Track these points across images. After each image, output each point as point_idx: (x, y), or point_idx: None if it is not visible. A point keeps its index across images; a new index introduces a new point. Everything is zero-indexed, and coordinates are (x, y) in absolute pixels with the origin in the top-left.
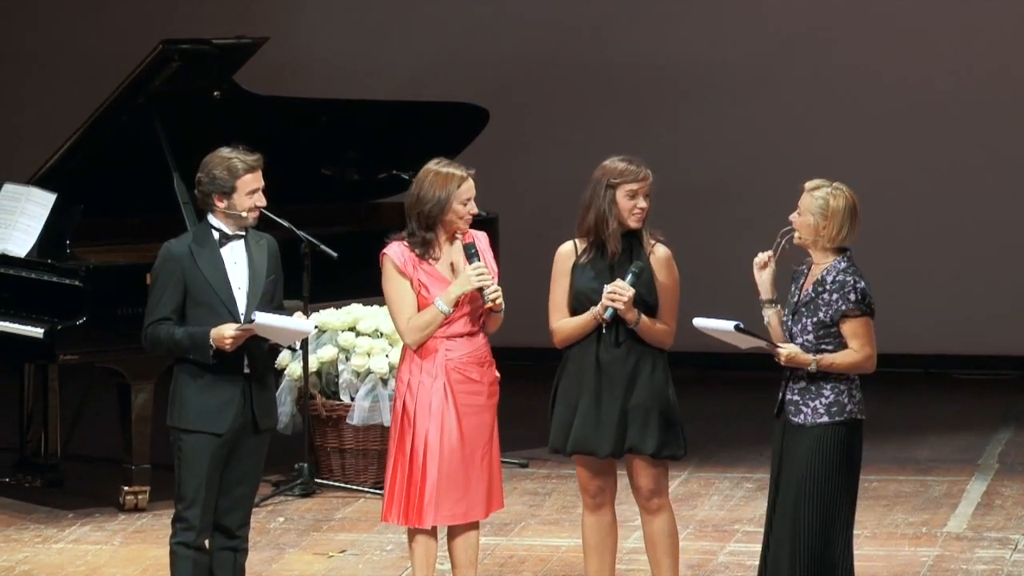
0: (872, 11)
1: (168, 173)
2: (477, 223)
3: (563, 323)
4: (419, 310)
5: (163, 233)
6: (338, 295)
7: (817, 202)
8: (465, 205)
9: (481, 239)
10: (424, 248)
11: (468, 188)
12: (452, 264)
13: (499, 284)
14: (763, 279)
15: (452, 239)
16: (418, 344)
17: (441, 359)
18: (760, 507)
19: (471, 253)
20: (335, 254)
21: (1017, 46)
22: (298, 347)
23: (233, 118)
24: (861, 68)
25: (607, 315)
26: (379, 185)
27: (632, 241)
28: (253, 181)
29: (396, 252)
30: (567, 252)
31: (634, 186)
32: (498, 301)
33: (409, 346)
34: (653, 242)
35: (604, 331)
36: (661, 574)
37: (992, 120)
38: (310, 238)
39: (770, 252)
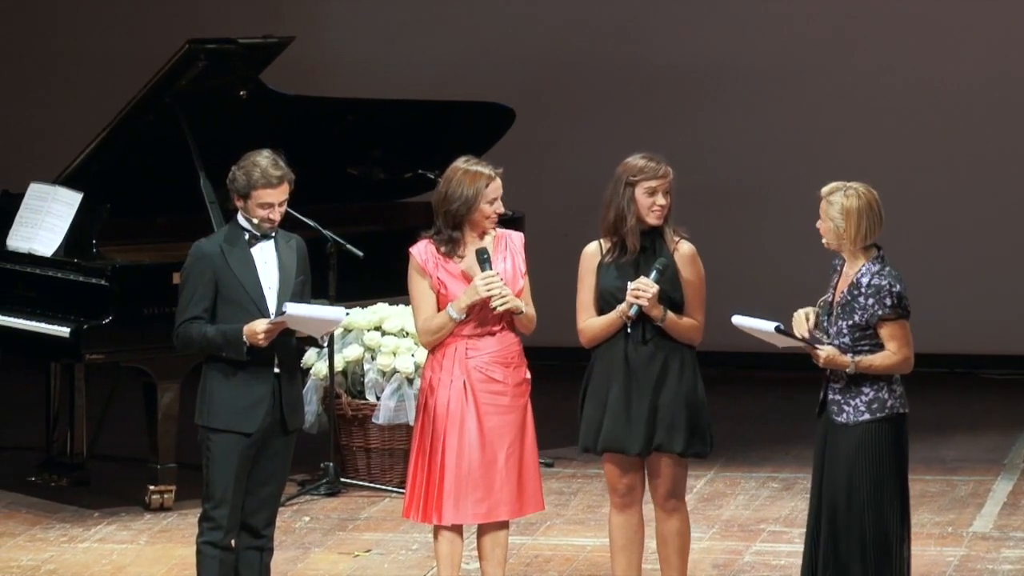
0: (897, 11)
1: (194, 173)
2: (503, 223)
3: (590, 323)
4: (439, 308)
5: (189, 233)
6: (364, 294)
7: (834, 206)
8: (492, 204)
9: (515, 240)
10: (450, 246)
11: (495, 187)
12: (467, 269)
13: (526, 284)
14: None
15: (481, 237)
16: (430, 345)
17: (461, 358)
18: (786, 506)
19: (483, 259)
20: (361, 253)
21: None
22: (324, 344)
23: (259, 117)
24: (886, 68)
25: (632, 312)
26: (405, 185)
27: (656, 238)
28: (267, 195)
29: (419, 250)
30: (592, 252)
31: (653, 183)
32: (504, 308)
33: (423, 346)
34: (677, 239)
35: (630, 329)
36: (670, 571)
37: (1021, 117)
38: (336, 237)
39: (812, 324)
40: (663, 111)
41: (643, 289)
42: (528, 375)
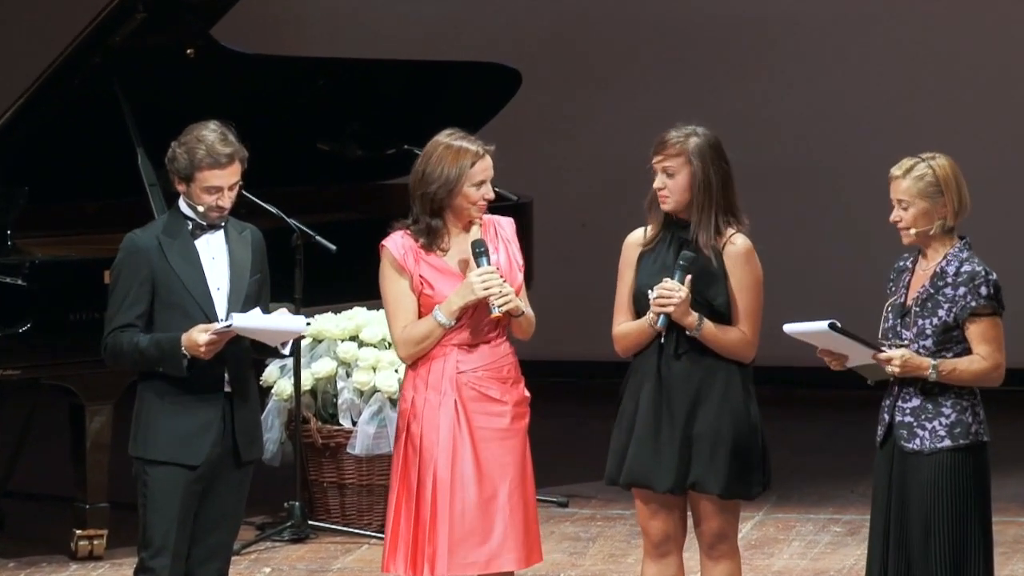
0: None
1: (131, 149)
2: (507, 210)
3: (622, 328)
4: (422, 311)
5: (124, 222)
6: (337, 297)
7: (922, 183)
8: (479, 188)
9: (505, 226)
10: (429, 237)
11: (483, 168)
12: (463, 261)
13: (533, 281)
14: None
15: (467, 227)
16: (412, 358)
17: (451, 372)
18: (851, 555)
19: (478, 253)
20: (333, 247)
21: None
22: (288, 353)
23: (210, 81)
24: (982, 20)
25: (660, 324)
26: (388, 163)
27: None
28: (213, 177)
29: (395, 244)
30: (633, 241)
31: (652, 161)
32: (505, 310)
33: (402, 360)
34: (732, 231)
35: (663, 340)
36: None
37: None
38: (303, 228)
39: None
40: (704, 75)
41: (667, 295)
42: (527, 393)
